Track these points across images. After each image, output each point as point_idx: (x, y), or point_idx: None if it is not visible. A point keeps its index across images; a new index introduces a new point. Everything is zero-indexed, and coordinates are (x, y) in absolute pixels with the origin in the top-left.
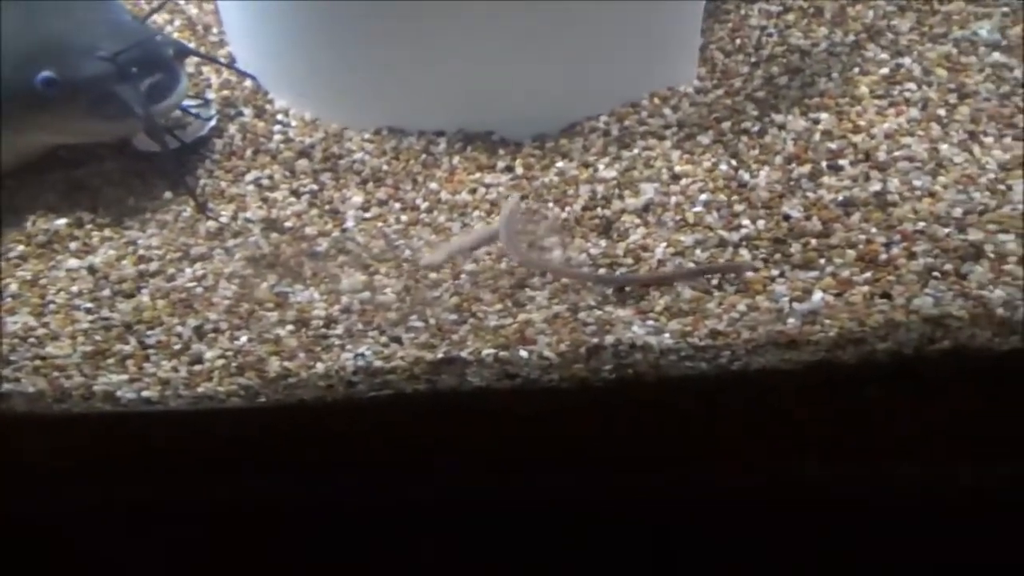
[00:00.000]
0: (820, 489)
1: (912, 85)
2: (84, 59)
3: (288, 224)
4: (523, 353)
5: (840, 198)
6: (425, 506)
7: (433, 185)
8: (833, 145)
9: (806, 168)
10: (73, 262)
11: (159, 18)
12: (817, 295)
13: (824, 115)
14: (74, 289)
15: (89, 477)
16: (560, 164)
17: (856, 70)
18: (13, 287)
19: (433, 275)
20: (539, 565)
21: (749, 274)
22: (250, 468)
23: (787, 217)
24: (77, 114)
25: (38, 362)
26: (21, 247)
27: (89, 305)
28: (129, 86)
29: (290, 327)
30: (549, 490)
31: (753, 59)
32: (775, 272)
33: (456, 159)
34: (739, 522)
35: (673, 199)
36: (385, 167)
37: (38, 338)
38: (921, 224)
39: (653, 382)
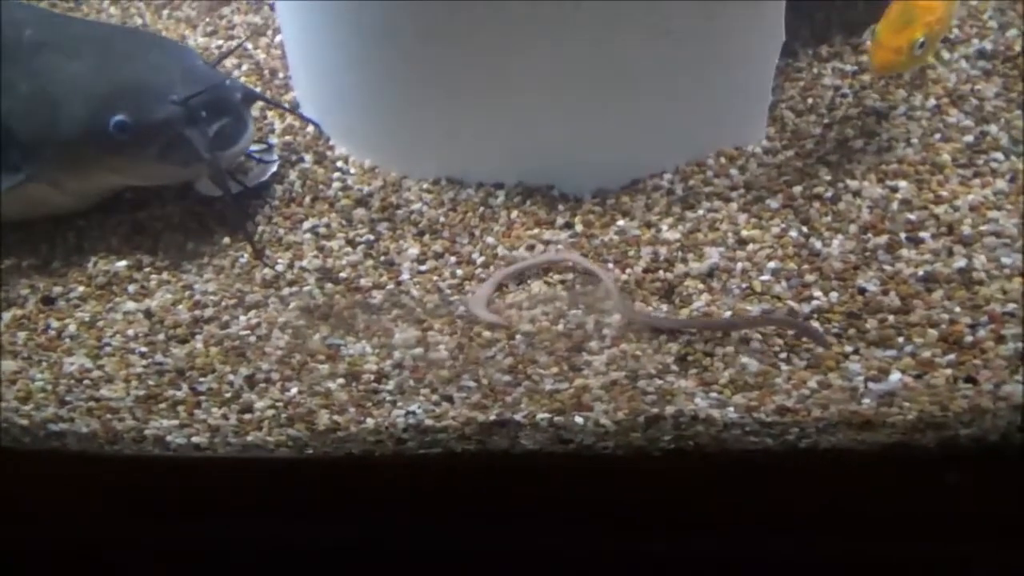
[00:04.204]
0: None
1: (999, 155)
2: (157, 103)
3: (343, 275)
4: (579, 419)
5: (920, 273)
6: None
7: (490, 239)
8: (912, 216)
9: (883, 239)
10: (130, 305)
11: (228, 62)
12: (895, 375)
13: (903, 183)
14: (130, 332)
15: (133, 517)
16: (621, 222)
17: (937, 136)
18: (72, 328)
19: (487, 334)
20: None
21: (820, 350)
22: (291, 516)
23: (862, 291)
24: (147, 158)
25: (92, 403)
26: (81, 288)
27: (144, 349)
28: (198, 131)
29: (341, 380)
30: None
31: (826, 120)
32: (848, 348)
33: (514, 213)
34: None
35: (739, 265)
36: (442, 219)
37: (93, 380)
38: (1011, 305)
39: (714, 455)
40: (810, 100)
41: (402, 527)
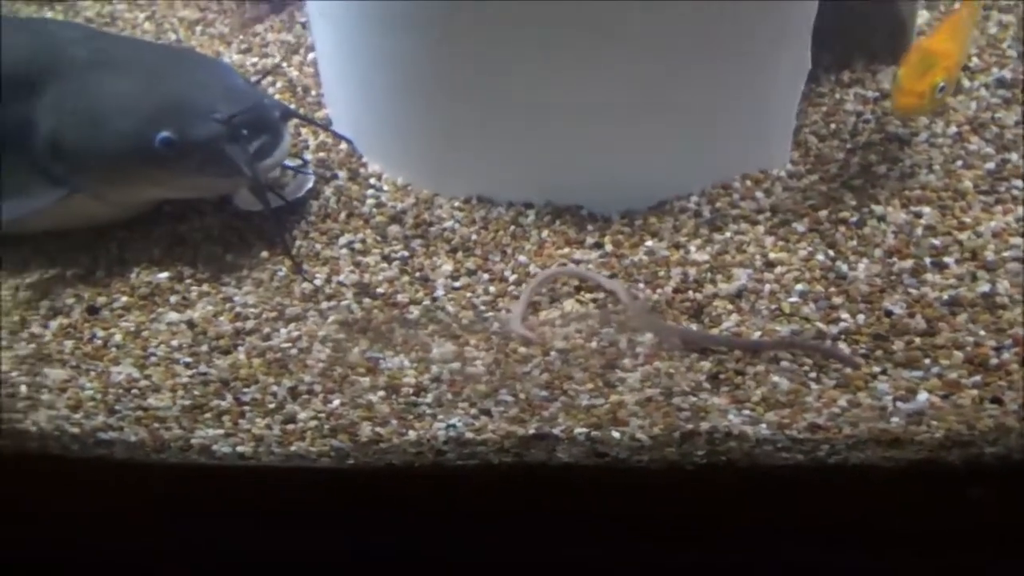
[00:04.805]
0: None
1: (1020, 182)
2: (200, 121)
3: (380, 290)
4: (615, 434)
5: (945, 297)
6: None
7: (522, 258)
8: (937, 241)
9: (908, 263)
10: (173, 316)
11: (259, 74)
12: (923, 395)
13: (926, 209)
14: (174, 343)
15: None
16: (650, 243)
17: (959, 163)
18: (118, 337)
19: (523, 350)
20: None
21: (848, 370)
22: (331, 523)
23: (889, 313)
24: (190, 172)
25: (140, 413)
26: (125, 298)
27: (188, 359)
28: (239, 147)
29: (381, 393)
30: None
31: (849, 145)
32: (876, 369)
33: (545, 232)
34: None
35: (767, 287)
36: (474, 236)
37: (140, 389)
38: None
39: (745, 469)
40: (833, 125)
41: (439, 536)
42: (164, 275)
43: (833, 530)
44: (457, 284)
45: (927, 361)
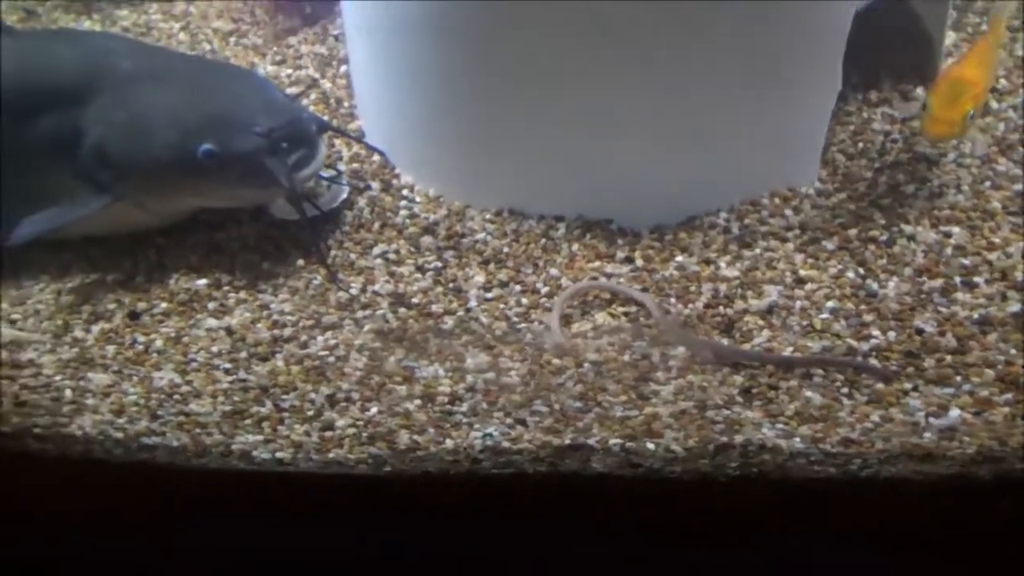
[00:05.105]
0: None
1: None
2: (241, 134)
3: (415, 300)
4: (650, 445)
5: (976, 316)
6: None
7: (553, 271)
8: (966, 261)
9: (938, 282)
10: (212, 322)
11: (295, 90)
12: (954, 412)
13: (955, 229)
14: (214, 349)
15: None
16: (680, 258)
17: (987, 184)
18: (159, 343)
19: (557, 361)
20: None
21: (880, 385)
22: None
23: (920, 331)
24: (230, 183)
25: (182, 418)
26: (164, 304)
27: (228, 366)
28: (278, 159)
29: (417, 401)
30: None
31: (877, 164)
32: (908, 385)
33: (575, 245)
34: None
35: (798, 303)
36: (506, 249)
37: (182, 395)
38: None
39: (777, 481)
40: (861, 144)
41: (472, 542)
42: (202, 282)
43: (864, 541)
44: (490, 295)
45: (958, 378)
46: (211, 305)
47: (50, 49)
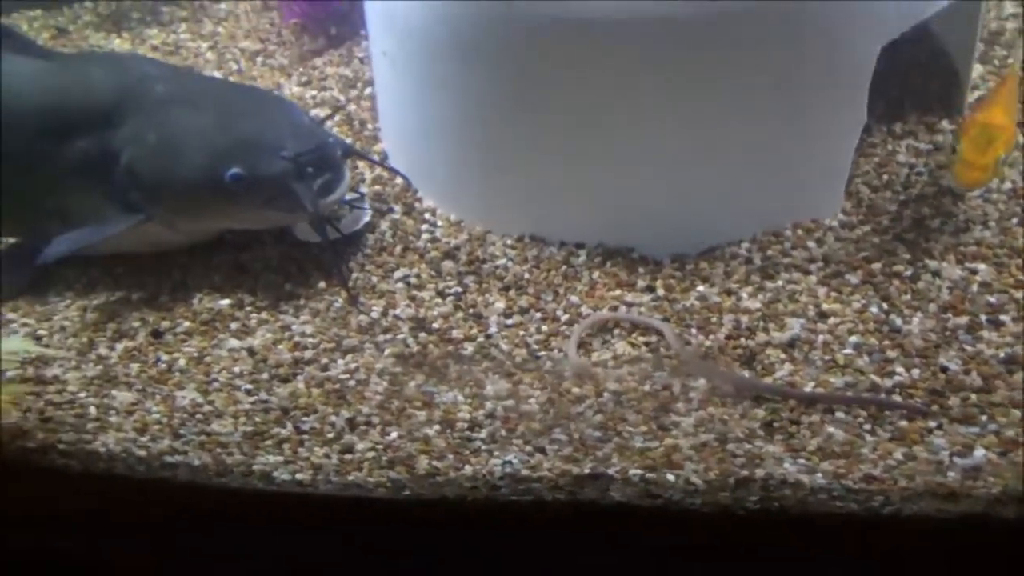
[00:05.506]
0: None
1: None
2: (269, 158)
3: (435, 325)
4: (670, 476)
5: (1002, 355)
6: None
7: (574, 298)
8: (992, 299)
9: (963, 320)
10: (234, 342)
11: (320, 112)
12: (979, 451)
13: (982, 265)
14: (235, 369)
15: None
16: (701, 288)
17: (1014, 220)
18: (181, 362)
19: (576, 390)
20: None
21: (904, 423)
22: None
23: (944, 369)
24: (256, 206)
25: (204, 437)
26: (187, 323)
27: (249, 386)
28: (305, 184)
29: (437, 427)
30: None
31: (902, 197)
32: (932, 424)
33: (596, 273)
34: None
35: (820, 337)
36: (527, 275)
37: (204, 415)
38: None
39: (797, 516)
40: (885, 176)
41: (488, 567)
42: (225, 302)
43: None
44: (510, 322)
45: (984, 418)
46: (233, 325)
47: (87, 72)
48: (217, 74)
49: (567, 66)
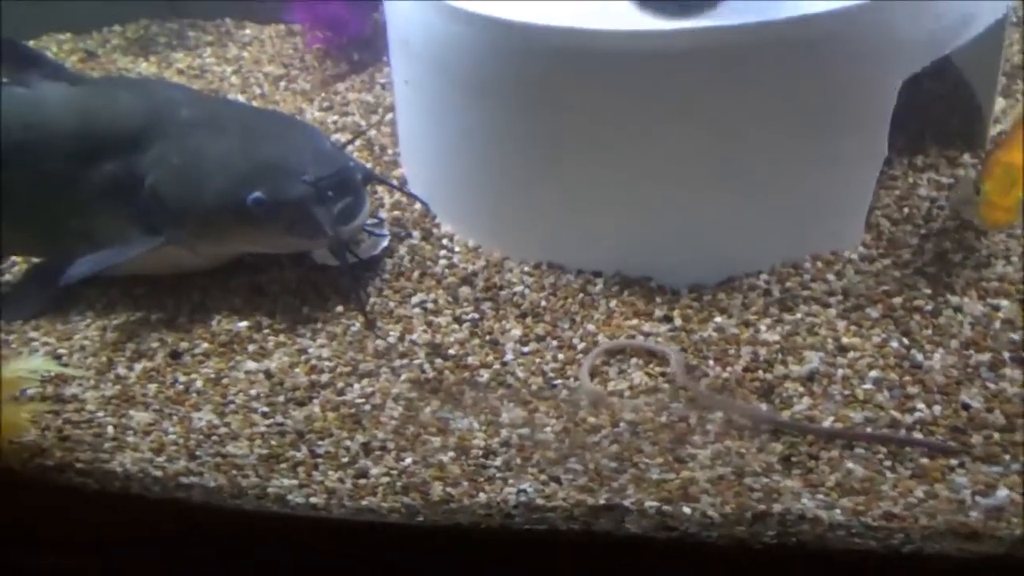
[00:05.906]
0: None
1: None
2: (290, 183)
3: (451, 351)
4: (686, 509)
5: None
6: None
7: (591, 327)
8: (1015, 336)
9: (986, 356)
10: (251, 364)
11: (341, 137)
12: (1002, 491)
13: (1004, 302)
14: (252, 391)
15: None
16: (719, 319)
17: None
18: (199, 383)
19: (592, 420)
20: None
21: (925, 461)
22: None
23: (967, 406)
24: (276, 230)
25: (219, 459)
26: (205, 344)
27: (265, 409)
28: (324, 209)
29: (451, 454)
30: None
31: (923, 231)
32: (954, 462)
33: (613, 302)
34: None
35: (840, 371)
36: (544, 303)
37: (220, 436)
38: None
39: (815, 552)
40: (906, 209)
41: None
42: (243, 324)
43: None
44: (526, 349)
45: (1007, 457)
46: (251, 347)
47: (114, 96)
48: (241, 98)
49: (586, 96)
